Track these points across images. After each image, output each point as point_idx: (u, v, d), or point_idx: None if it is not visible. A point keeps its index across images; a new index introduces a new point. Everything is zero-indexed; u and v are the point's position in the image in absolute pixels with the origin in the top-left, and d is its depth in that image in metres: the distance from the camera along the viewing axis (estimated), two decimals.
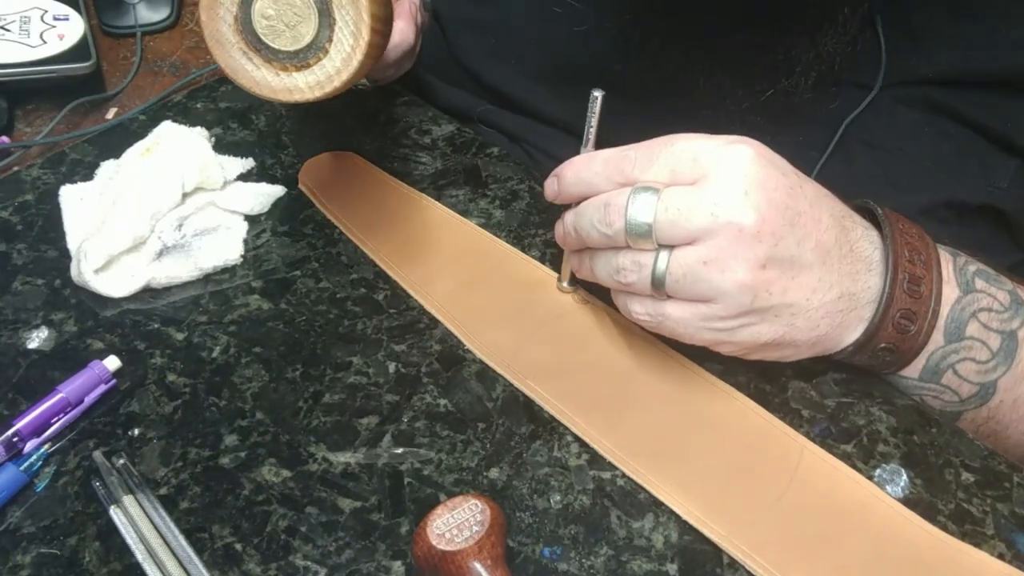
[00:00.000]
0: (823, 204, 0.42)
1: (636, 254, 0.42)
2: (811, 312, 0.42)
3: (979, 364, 0.45)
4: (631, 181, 0.42)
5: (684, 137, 0.42)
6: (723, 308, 0.41)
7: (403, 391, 0.47)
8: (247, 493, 0.42)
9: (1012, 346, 0.44)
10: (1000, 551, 0.40)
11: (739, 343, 0.43)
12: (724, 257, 0.40)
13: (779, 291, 0.41)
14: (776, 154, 0.42)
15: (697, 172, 0.40)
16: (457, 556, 0.36)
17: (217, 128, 0.61)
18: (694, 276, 0.40)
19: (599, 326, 0.49)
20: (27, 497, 0.42)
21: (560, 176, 0.46)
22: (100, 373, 0.46)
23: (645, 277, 0.42)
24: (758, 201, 0.40)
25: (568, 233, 0.46)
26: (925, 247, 0.44)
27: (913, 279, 0.43)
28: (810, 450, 0.44)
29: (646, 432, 0.44)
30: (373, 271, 0.53)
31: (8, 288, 0.51)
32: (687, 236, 0.40)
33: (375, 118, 0.63)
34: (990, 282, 0.45)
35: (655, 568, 0.40)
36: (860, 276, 0.43)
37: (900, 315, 0.43)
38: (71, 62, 0.64)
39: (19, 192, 0.57)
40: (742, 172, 0.40)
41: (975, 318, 0.44)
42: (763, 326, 0.42)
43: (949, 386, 0.46)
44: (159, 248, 0.52)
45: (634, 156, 0.42)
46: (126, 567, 0.40)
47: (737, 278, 0.40)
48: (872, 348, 0.44)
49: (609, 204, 0.42)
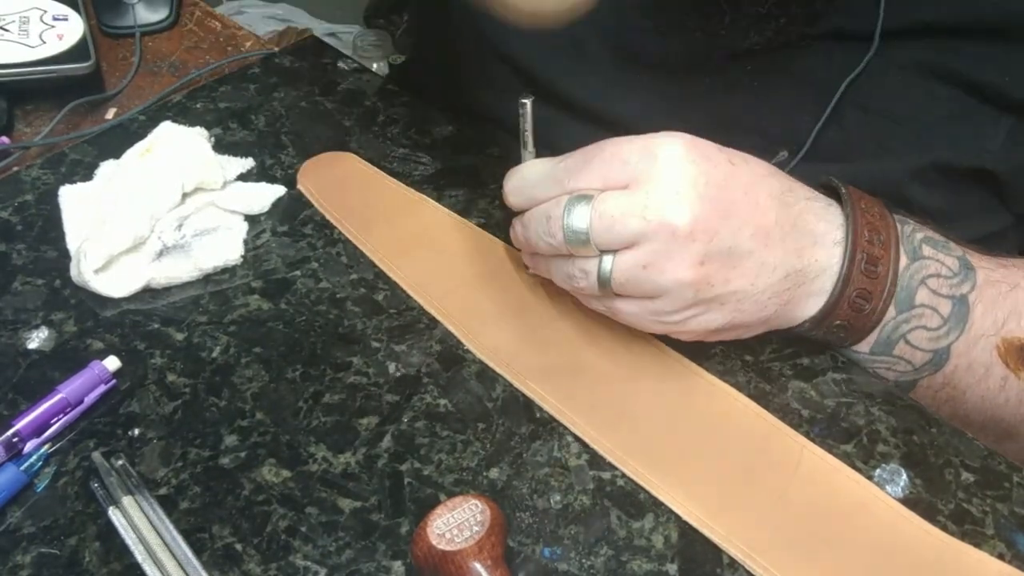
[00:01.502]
0: (759, 187, 0.43)
1: (581, 261, 0.43)
2: (757, 295, 0.43)
3: (931, 331, 0.45)
4: (567, 191, 0.43)
5: (613, 142, 0.43)
6: (668, 303, 0.42)
7: (403, 391, 0.47)
8: (247, 493, 0.42)
9: (963, 310, 0.45)
10: (1000, 551, 0.40)
11: (691, 331, 0.44)
12: (661, 259, 0.41)
13: (721, 282, 0.42)
14: (706, 143, 0.43)
15: (628, 175, 0.41)
16: (457, 556, 0.36)
17: (217, 128, 0.61)
18: (636, 279, 0.42)
19: (599, 326, 0.49)
20: (27, 497, 0.42)
21: (505, 187, 0.47)
22: (100, 373, 0.46)
23: (592, 282, 0.43)
24: (690, 199, 0.40)
25: (519, 240, 0.48)
26: (886, 226, 0.45)
27: (871, 259, 0.44)
28: (810, 450, 0.44)
29: (646, 432, 0.45)
30: (373, 271, 0.53)
31: (8, 288, 0.51)
32: (624, 241, 0.41)
33: (375, 118, 0.63)
34: (938, 248, 0.46)
35: (655, 568, 0.40)
36: (805, 251, 0.44)
37: (856, 294, 0.44)
38: (70, 62, 0.64)
39: (19, 192, 0.57)
40: (671, 171, 0.41)
41: (924, 285, 0.45)
42: (711, 315, 0.43)
43: (902, 356, 0.46)
44: (159, 248, 0.52)
45: (567, 166, 0.44)
46: (126, 567, 0.40)
47: (677, 277, 0.41)
48: (827, 325, 0.45)
49: (549, 216, 0.43)
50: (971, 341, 0.45)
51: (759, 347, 0.48)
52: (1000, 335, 0.45)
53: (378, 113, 0.64)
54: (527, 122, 0.47)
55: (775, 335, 0.49)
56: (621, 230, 0.41)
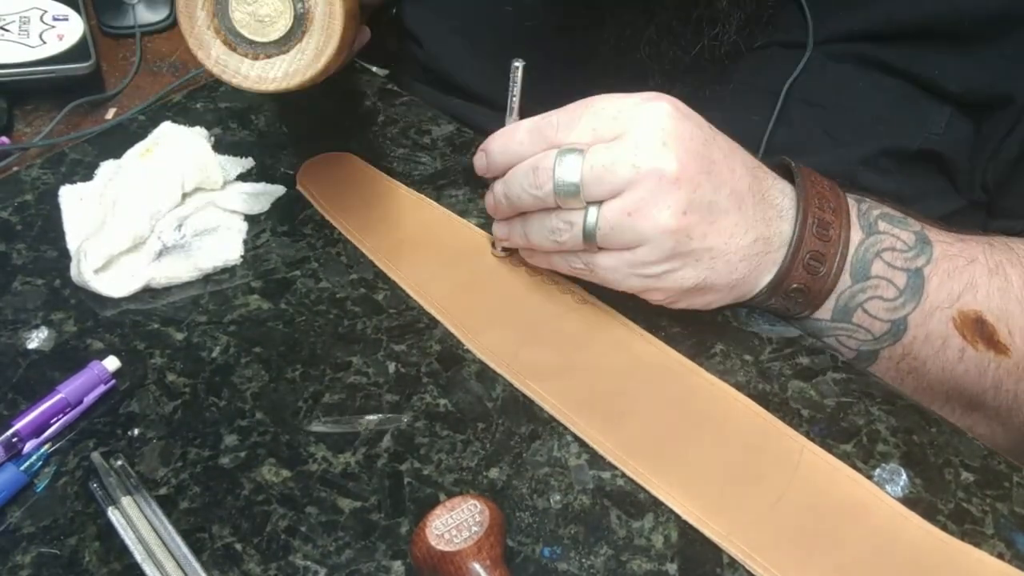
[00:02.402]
0: (736, 155, 0.45)
1: (567, 213, 0.44)
2: (729, 255, 0.45)
3: (887, 302, 0.47)
4: (556, 145, 0.44)
5: (602, 97, 0.44)
6: (648, 253, 0.44)
7: (403, 391, 0.47)
8: (247, 493, 0.42)
9: (918, 283, 0.47)
10: (1000, 551, 0.40)
11: (665, 288, 0.45)
12: (647, 205, 0.42)
13: (699, 236, 0.43)
14: (690, 109, 0.45)
15: (617, 129, 0.43)
16: (456, 557, 0.36)
17: (217, 128, 0.61)
18: (621, 226, 0.43)
19: (599, 326, 0.49)
20: (27, 497, 0.42)
21: (487, 149, 0.48)
22: (99, 373, 0.46)
23: (577, 234, 0.44)
24: (677, 151, 0.42)
25: (499, 202, 0.48)
26: (836, 197, 0.47)
27: (822, 224, 0.46)
28: (810, 450, 0.44)
29: (646, 432, 0.45)
30: (373, 271, 0.53)
31: (8, 288, 0.51)
32: (613, 189, 0.43)
33: (374, 118, 0.63)
34: (894, 224, 0.48)
35: (655, 568, 0.40)
36: (772, 222, 0.46)
37: (810, 257, 0.46)
38: (70, 62, 0.64)
39: (19, 192, 0.57)
40: (660, 125, 0.43)
41: (879, 257, 0.47)
42: (686, 271, 0.44)
43: (861, 324, 0.48)
44: (159, 248, 0.52)
45: (556, 121, 0.45)
46: (126, 567, 0.40)
47: (660, 223, 0.42)
48: (784, 289, 0.47)
49: (537, 168, 0.44)
50: (927, 312, 0.47)
51: (759, 347, 0.49)
52: (956, 307, 0.47)
53: (378, 113, 0.64)
54: (516, 87, 0.48)
55: (773, 337, 0.49)
56: (611, 179, 0.42)
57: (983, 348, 0.47)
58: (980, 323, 0.47)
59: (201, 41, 0.43)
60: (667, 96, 0.44)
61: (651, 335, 0.49)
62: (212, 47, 0.43)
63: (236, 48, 0.43)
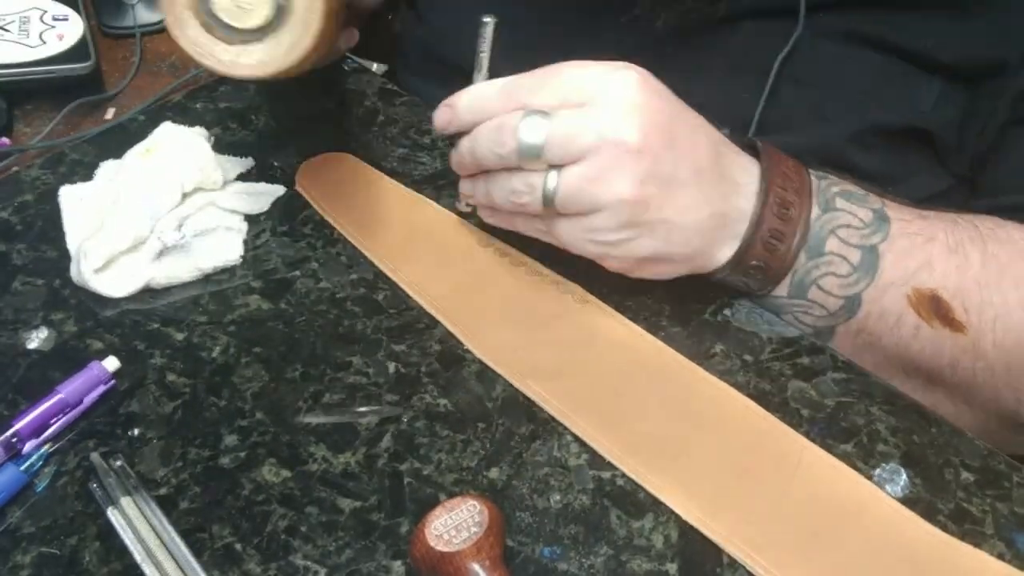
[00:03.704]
0: (700, 131, 0.46)
1: (528, 175, 0.45)
2: (685, 228, 0.45)
3: (841, 278, 0.48)
4: (523, 106, 0.45)
5: (573, 64, 0.45)
6: (605, 220, 0.44)
7: (403, 391, 0.47)
8: (247, 493, 0.42)
9: (873, 260, 0.47)
10: (1000, 551, 0.40)
11: (621, 256, 0.46)
12: (607, 173, 0.43)
13: (656, 207, 0.44)
14: (659, 82, 0.45)
15: (585, 96, 0.44)
16: (455, 557, 0.36)
17: (217, 128, 0.61)
18: (580, 192, 0.44)
19: (599, 326, 0.49)
20: (27, 497, 0.42)
21: (454, 105, 0.48)
22: (99, 374, 0.46)
23: (537, 197, 0.45)
24: (640, 122, 0.43)
25: (463, 157, 0.48)
26: (799, 177, 0.48)
27: (783, 203, 0.46)
28: (810, 450, 0.44)
29: (646, 432, 0.45)
30: (373, 271, 0.53)
31: (8, 288, 0.51)
32: (575, 155, 0.43)
33: (374, 118, 0.63)
34: (852, 201, 0.48)
35: (655, 568, 0.40)
36: (730, 198, 0.46)
37: (769, 235, 0.46)
38: (70, 62, 0.64)
39: (19, 192, 0.57)
40: (626, 95, 0.43)
41: (834, 234, 0.47)
42: (642, 240, 0.45)
43: (816, 300, 0.49)
44: (159, 248, 0.52)
45: (526, 83, 0.45)
46: (126, 567, 0.40)
47: (618, 192, 0.43)
48: (744, 265, 0.47)
49: (502, 126, 0.45)
50: (881, 289, 0.47)
51: (759, 347, 0.49)
52: (911, 285, 0.47)
53: (378, 113, 0.64)
54: (486, 43, 0.48)
55: (773, 337, 0.49)
56: (574, 144, 0.43)
57: (938, 325, 0.47)
58: (935, 301, 0.47)
59: (179, 19, 0.44)
60: (637, 67, 0.44)
61: (651, 335, 0.49)
62: (189, 27, 0.44)
63: (214, 31, 0.44)
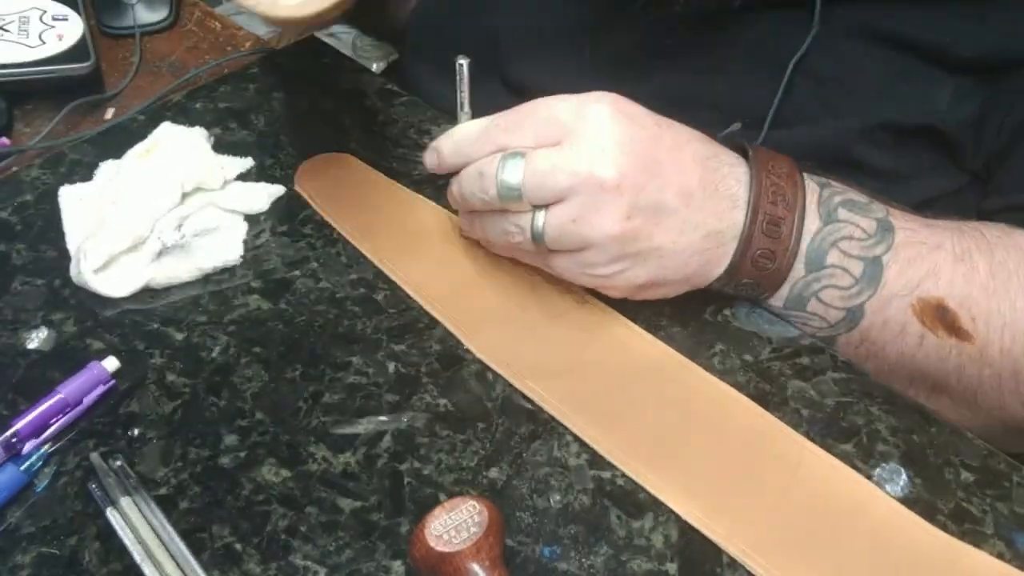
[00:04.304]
0: (684, 150, 0.45)
1: (516, 217, 0.45)
2: (679, 253, 0.45)
3: (842, 290, 0.47)
4: (502, 148, 0.45)
5: (545, 101, 0.45)
6: (596, 256, 0.44)
7: (403, 391, 0.47)
8: (247, 493, 0.42)
9: (876, 271, 0.46)
10: (999, 550, 0.40)
11: (618, 286, 0.47)
12: (589, 212, 0.43)
13: (646, 237, 0.44)
14: (636, 106, 0.45)
15: (559, 133, 0.44)
16: (455, 558, 0.36)
17: (216, 128, 0.61)
18: (566, 232, 0.44)
19: (599, 326, 0.49)
20: (27, 497, 0.42)
21: (438, 149, 0.49)
22: (99, 374, 0.46)
23: (527, 238, 0.45)
24: (616, 156, 0.43)
25: (455, 199, 0.50)
26: (793, 187, 0.46)
27: (773, 220, 0.46)
28: (810, 450, 0.44)
29: (646, 432, 0.45)
30: (372, 271, 0.53)
31: (8, 288, 0.51)
32: (554, 195, 0.43)
33: (374, 118, 0.63)
34: (855, 211, 0.47)
35: (655, 568, 0.40)
36: (725, 214, 0.46)
37: (759, 254, 0.46)
38: (70, 62, 0.64)
39: (18, 192, 0.57)
40: (600, 130, 0.43)
41: (836, 247, 0.46)
42: (636, 270, 0.45)
43: (816, 313, 0.48)
44: (159, 248, 0.52)
45: (502, 124, 0.46)
46: (126, 567, 0.40)
47: (604, 230, 0.43)
48: (735, 283, 0.47)
49: (483, 173, 0.45)
50: (884, 300, 0.47)
51: (759, 347, 0.48)
52: (916, 294, 0.46)
53: (378, 113, 0.64)
54: (463, 83, 0.49)
55: (773, 337, 0.49)
56: (552, 184, 0.43)
57: (944, 335, 0.46)
58: (942, 310, 0.46)
59: None
60: (610, 96, 0.44)
61: (651, 335, 0.49)
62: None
63: None
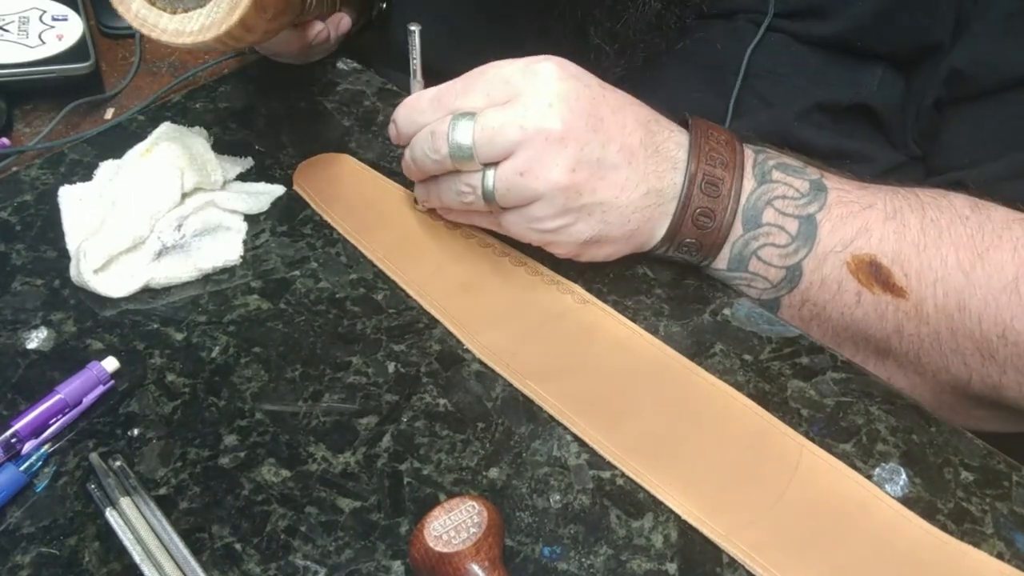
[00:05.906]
0: (627, 111, 0.47)
1: (467, 176, 0.47)
2: (622, 208, 0.47)
3: (780, 248, 0.49)
4: (453, 111, 0.46)
5: (494, 64, 0.47)
6: (543, 209, 0.46)
7: (403, 391, 0.47)
8: (247, 493, 0.42)
9: (811, 229, 0.48)
10: (999, 550, 0.40)
11: (564, 243, 0.48)
12: (537, 164, 0.45)
13: (589, 191, 0.46)
14: (579, 68, 0.47)
15: (508, 93, 0.45)
16: (454, 558, 0.36)
17: (216, 128, 0.61)
18: (515, 186, 0.45)
19: (599, 326, 0.49)
20: (27, 497, 0.42)
21: (396, 119, 0.50)
22: (98, 374, 0.45)
23: (479, 196, 0.47)
24: (561, 111, 0.44)
25: (409, 165, 0.51)
26: (730, 151, 0.48)
27: (711, 180, 0.47)
28: (809, 450, 0.44)
29: (646, 432, 0.45)
30: (372, 271, 0.53)
31: (7, 288, 0.51)
32: (503, 151, 0.45)
33: (374, 118, 0.63)
34: (789, 173, 0.49)
35: (655, 567, 0.40)
36: (666, 174, 0.48)
37: (699, 212, 0.48)
38: (70, 62, 0.64)
39: (18, 192, 0.57)
40: (546, 87, 0.45)
41: (770, 205, 0.48)
42: (581, 224, 0.47)
43: (758, 272, 0.50)
44: (158, 248, 0.52)
45: (454, 88, 0.47)
46: (126, 567, 0.40)
47: (551, 180, 0.45)
48: (678, 243, 0.49)
49: (434, 132, 0.47)
50: (820, 258, 0.48)
51: (759, 347, 0.49)
52: (849, 251, 0.48)
53: (378, 113, 0.64)
54: (415, 50, 0.50)
55: (773, 337, 0.49)
56: (501, 140, 0.45)
57: (879, 291, 0.47)
58: (875, 266, 0.47)
59: None
60: (554, 57, 0.46)
61: (651, 335, 0.49)
62: (132, 1, 0.45)
63: (155, 2, 0.45)
